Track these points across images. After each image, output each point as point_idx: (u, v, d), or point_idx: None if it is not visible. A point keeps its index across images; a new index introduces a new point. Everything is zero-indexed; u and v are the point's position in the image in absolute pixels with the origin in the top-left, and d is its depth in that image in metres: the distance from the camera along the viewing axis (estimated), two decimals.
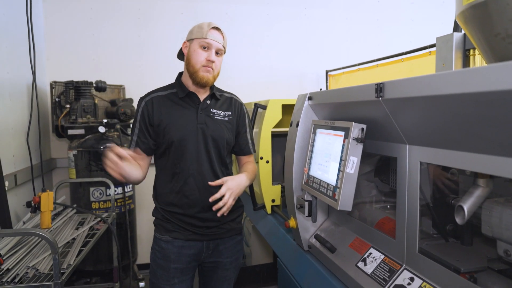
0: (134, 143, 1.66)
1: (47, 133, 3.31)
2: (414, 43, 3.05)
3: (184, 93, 1.67)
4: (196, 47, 1.63)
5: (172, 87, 1.72)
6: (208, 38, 1.61)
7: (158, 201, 1.71)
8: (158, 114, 1.64)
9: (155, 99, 1.67)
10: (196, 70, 1.63)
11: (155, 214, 1.74)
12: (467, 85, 0.81)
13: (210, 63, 1.62)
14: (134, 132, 1.67)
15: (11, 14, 2.62)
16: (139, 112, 1.66)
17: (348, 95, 1.32)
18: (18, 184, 2.58)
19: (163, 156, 1.68)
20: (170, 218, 1.66)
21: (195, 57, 1.62)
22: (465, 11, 1.06)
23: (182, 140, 1.61)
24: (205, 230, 1.67)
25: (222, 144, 1.69)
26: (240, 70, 3.76)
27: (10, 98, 2.58)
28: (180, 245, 1.65)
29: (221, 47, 1.65)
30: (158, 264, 1.66)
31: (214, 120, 1.69)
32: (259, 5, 3.80)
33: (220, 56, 1.68)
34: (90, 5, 3.42)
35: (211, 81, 1.66)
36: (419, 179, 1.11)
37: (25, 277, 1.73)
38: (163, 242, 1.66)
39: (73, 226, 2.46)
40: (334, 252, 1.47)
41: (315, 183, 1.44)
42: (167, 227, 1.67)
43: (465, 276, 0.99)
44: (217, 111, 1.71)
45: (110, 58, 3.48)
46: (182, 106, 1.67)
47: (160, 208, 1.69)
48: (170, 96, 1.69)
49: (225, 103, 1.77)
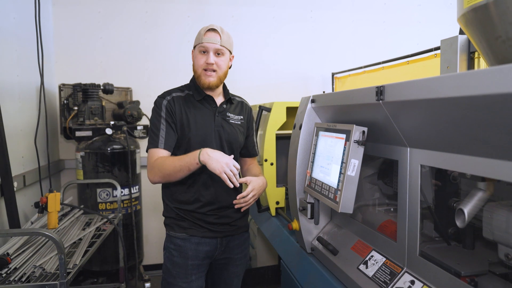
0: (163, 140, 1.64)
1: (55, 135, 3.36)
2: (421, 45, 3.03)
3: (201, 96, 1.70)
4: (196, 53, 1.68)
5: (188, 89, 1.75)
6: (203, 42, 1.63)
7: (172, 200, 1.71)
8: (180, 114, 1.66)
9: (175, 98, 1.69)
10: (198, 75, 1.68)
11: (167, 214, 1.74)
12: (467, 88, 0.81)
13: (210, 65, 1.64)
14: (160, 129, 1.64)
15: (21, 18, 2.67)
16: (163, 110, 1.66)
17: (349, 98, 1.32)
18: (27, 185, 2.62)
19: (178, 155, 1.67)
20: (185, 216, 1.68)
21: (196, 63, 1.68)
22: (466, 14, 1.06)
23: (201, 142, 1.64)
24: (219, 227, 1.70)
25: (236, 147, 1.75)
26: (245, 73, 3.78)
27: (19, 100, 2.63)
28: (197, 241, 1.67)
29: (219, 46, 1.65)
30: (174, 263, 1.67)
31: (229, 123, 1.74)
32: (265, 7, 3.82)
33: (222, 55, 1.68)
34: (98, 8, 3.47)
35: (215, 83, 1.68)
36: (419, 182, 1.11)
37: (32, 276, 1.76)
38: (179, 240, 1.67)
39: (80, 227, 2.50)
40: (336, 254, 1.47)
41: (317, 186, 1.44)
42: (182, 225, 1.68)
43: (465, 280, 0.98)
44: (231, 115, 1.77)
45: (117, 61, 3.52)
46: (199, 108, 1.70)
47: (174, 207, 1.70)
48: (188, 97, 1.72)
49: (237, 107, 1.82)
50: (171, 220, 1.71)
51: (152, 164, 1.63)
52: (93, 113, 3.04)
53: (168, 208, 1.73)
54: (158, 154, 1.63)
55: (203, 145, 1.63)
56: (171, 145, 1.65)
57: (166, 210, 1.75)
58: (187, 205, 1.67)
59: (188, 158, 1.55)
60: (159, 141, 1.64)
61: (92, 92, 3.06)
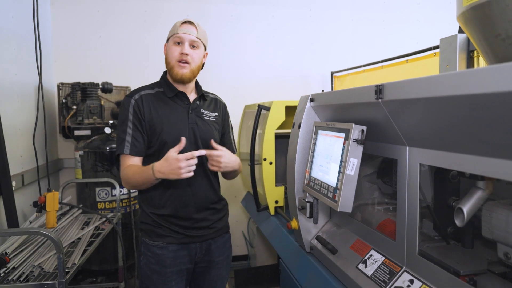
0: (129, 145, 1.57)
1: (54, 134, 3.35)
2: (421, 44, 3.03)
3: (173, 93, 1.64)
4: (170, 44, 1.61)
5: (159, 86, 1.68)
6: (179, 33, 1.58)
7: (147, 205, 1.65)
8: (149, 113, 1.59)
9: (144, 97, 1.61)
10: (172, 66, 1.60)
11: (143, 220, 1.67)
12: (466, 86, 0.81)
13: (184, 56, 1.57)
14: (127, 133, 1.57)
15: (20, 17, 2.66)
16: (130, 111, 1.58)
17: (348, 96, 1.32)
18: (25, 184, 2.62)
19: (151, 157, 1.61)
20: (161, 222, 1.62)
21: (170, 54, 1.61)
22: (466, 12, 1.06)
23: (176, 141, 1.55)
24: (198, 231, 1.65)
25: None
26: (245, 71, 3.77)
27: (18, 100, 2.62)
28: (175, 249, 1.62)
29: (195, 38, 1.59)
30: (152, 270, 1.62)
31: (204, 120, 1.67)
32: (265, 6, 3.81)
33: (197, 48, 1.62)
34: (97, 7, 3.46)
35: (187, 76, 1.61)
36: (419, 181, 1.10)
37: (30, 276, 1.75)
38: (156, 248, 1.62)
39: (78, 226, 2.49)
40: (335, 253, 1.47)
41: (316, 185, 1.44)
42: (158, 233, 1.62)
43: (464, 279, 0.98)
44: (206, 111, 1.70)
45: (116, 59, 3.51)
46: (171, 106, 1.63)
47: (150, 213, 1.64)
48: (159, 95, 1.64)
49: (211, 104, 1.76)
50: (148, 227, 1.65)
51: (121, 172, 1.59)
52: (92, 112, 3.03)
53: (144, 213, 1.67)
54: (127, 162, 1.57)
55: (176, 144, 1.53)
56: (139, 149, 1.58)
57: (142, 215, 1.68)
58: (163, 210, 1.61)
59: (146, 174, 1.49)
60: (124, 146, 1.57)
61: (91, 91, 3.05)
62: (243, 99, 3.53)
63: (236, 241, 3.81)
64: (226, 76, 3.73)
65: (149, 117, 1.59)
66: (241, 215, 3.81)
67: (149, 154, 1.62)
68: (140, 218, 1.70)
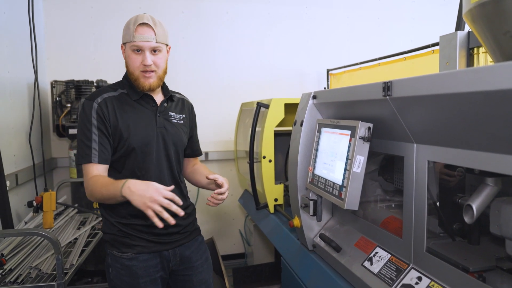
0: (96, 154, 1.43)
1: (47, 133, 3.29)
2: (415, 41, 3.04)
3: (138, 96, 1.52)
4: (129, 52, 1.47)
5: (122, 87, 1.55)
6: (136, 41, 1.43)
7: (112, 214, 1.52)
8: (114, 118, 1.46)
9: (107, 100, 1.48)
10: (136, 78, 1.48)
11: (107, 230, 1.54)
12: (476, 83, 0.81)
13: (148, 67, 1.45)
14: (92, 140, 1.43)
15: (12, 13, 2.61)
16: (94, 116, 1.44)
17: (354, 94, 1.31)
18: (19, 184, 2.57)
19: (117, 163, 1.50)
20: (129, 231, 1.50)
21: (131, 64, 1.48)
22: (473, 9, 1.06)
23: (143, 147, 1.48)
24: (169, 237, 1.55)
25: (181, 148, 1.63)
26: (240, 69, 3.75)
27: (11, 97, 2.57)
28: (146, 258, 1.51)
29: (155, 44, 1.45)
30: (124, 281, 1.50)
31: (172, 124, 1.59)
32: (260, 3, 3.79)
33: (160, 52, 1.48)
34: (90, 4, 3.41)
35: (156, 84, 1.51)
36: (426, 178, 1.10)
37: (28, 277, 1.72)
38: (125, 260, 1.50)
39: (74, 226, 2.46)
40: (340, 251, 1.46)
41: (320, 182, 1.43)
42: (126, 243, 1.50)
43: (474, 275, 0.98)
44: (173, 114, 1.61)
45: (111, 57, 3.46)
46: (137, 109, 1.52)
47: (115, 222, 1.51)
48: (123, 97, 1.52)
49: (178, 105, 1.66)
50: (113, 237, 1.52)
51: (86, 183, 1.44)
52: None
53: (107, 223, 1.54)
54: (93, 171, 1.43)
55: (145, 150, 1.49)
56: (106, 157, 1.45)
57: (106, 225, 1.55)
58: (131, 219, 1.49)
59: (113, 189, 1.34)
60: (91, 155, 1.42)
61: (85, 89, 3.00)
62: (239, 97, 3.51)
63: (233, 240, 3.80)
64: (222, 74, 3.71)
65: (114, 122, 1.46)
66: (237, 213, 3.79)
67: (113, 160, 1.50)
68: (103, 229, 1.57)
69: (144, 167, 1.50)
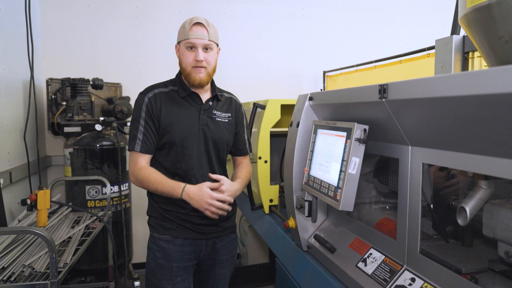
0: (140, 143, 1.58)
1: (42, 131, 3.27)
2: (411, 45, 3.07)
3: (186, 93, 1.65)
4: (183, 50, 1.61)
5: (173, 84, 1.68)
6: (190, 38, 1.57)
7: (155, 199, 1.67)
8: (160, 112, 1.60)
9: (158, 95, 1.62)
10: (188, 73, 1.61)
11: (151, 213, 1.70)
12: (471, 87, 0.82)
13: (199, 62, 1.58)
14: (139, 130, 1.58)
15: (7, 10, 2.59)
16: (143, 109, 1.59)
17: (350, 96, 1.32)
18: (13, 182, 2.55)
19: (161, 154, 1.64)
20: (169, 216, 1.64)
21: (184, 60, 1.61)
22: (469, 14, 1.07)
23: (184, 141, 1.59)
24: (204, 228, 1.66)
25: (222, 146, 1.70)
26: (237, 69, 3.76)
27: (5, 95, 2.55)
28: (181, 243, 1.64)
29: (207, 41, 1.59)
30: (159, 264, 1.63)
31: (215, 121, 1.68)
32: (258, 4, 3.80)
33: (211, 50, 1.62)
34: (87, 2, 3.40)
35: (205, 80, 1.63)
36: (421, 180, 1.11)
37: (21, 276, 1.70)
38: (162, 241, 1.64)
39: (68, 225, 2.44)
40: (334, 252, 1.47)
41: (315, 183, 1.44)
42: (166, 226, 1.64)
43: (466, 277, 0.99)
44: (218, 112, 1.70)
45: (107, 55, 3.45)
46: (183, 106, 1.64)
47: (158, 207, 1.66)
48: (172, 93, 1.65)
49: (225, 104, 1.76)
50: (155, 220, 1.67)
51: (135, 172, 1.59)
52: (82, 109, 2.98)
53: (152, 207, 1.69)
54: (139, 160, 1.59)
55: (185, 144, 1.59)
56: (149, 148, 1.60)
57: (150, 209, 1.70)
58: (172, 206, 1.63)
59: (171, 190, 1.53)
60: (136, 144, 1.58)
61: (81, 87, 2.99)
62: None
63: None
64: (218, 74, 3.69)
65: (160, 116, 1.59)
66: None
67: (157, 151, 1.63)
68: (148, 212, 1.72)
69: (183, 160, 1.61)
